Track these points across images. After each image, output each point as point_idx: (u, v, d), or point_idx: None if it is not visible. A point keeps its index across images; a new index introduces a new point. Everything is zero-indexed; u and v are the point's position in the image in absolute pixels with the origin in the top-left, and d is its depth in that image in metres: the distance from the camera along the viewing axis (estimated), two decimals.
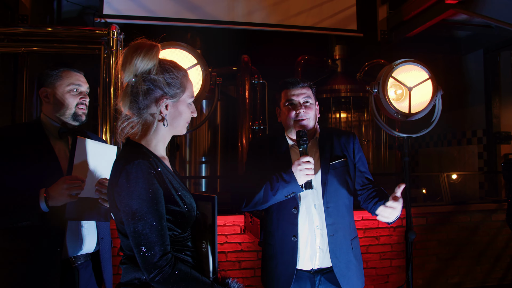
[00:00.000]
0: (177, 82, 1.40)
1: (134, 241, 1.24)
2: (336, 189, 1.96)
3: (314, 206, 1.95)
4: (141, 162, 1.27)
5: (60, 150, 1.91)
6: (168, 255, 1.26)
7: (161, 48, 2.26)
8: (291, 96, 2.01)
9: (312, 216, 1.94)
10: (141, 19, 4.54)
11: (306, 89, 2.03)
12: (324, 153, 2.00)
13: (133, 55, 1.32)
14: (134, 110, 1.37)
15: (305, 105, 2.00)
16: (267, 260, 2.04)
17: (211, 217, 1.40)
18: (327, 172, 1.95)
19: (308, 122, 1.99)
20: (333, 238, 1.92)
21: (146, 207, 1.24)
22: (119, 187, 1.26)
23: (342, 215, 1.97)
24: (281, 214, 1.97)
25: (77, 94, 1.96)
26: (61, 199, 1.71)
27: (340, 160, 1.99)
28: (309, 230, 1.94)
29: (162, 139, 1.43)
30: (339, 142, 2.04)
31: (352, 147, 2.05)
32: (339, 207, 1.96)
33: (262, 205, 1.92)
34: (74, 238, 1.86)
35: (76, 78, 1.97)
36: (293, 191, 1.86)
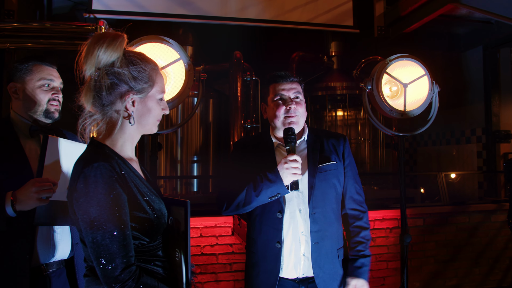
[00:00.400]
0: (145, 76, 1.27)
1: (93, 253, 1.13)
2: (324, 193, 1.83)
3: (299, 210, 1.82)
4: (100, 165, 1.15)
5: (31, 149, 1.80)
6: (132, 268, 1.14)
7: (141, 42, 2.16)
8: (281, 90, 1.87)
9: (297, 222, 1.81)
10: (131, 14, 4.42)
11: (296, 84, 1.90)
12: (312, 154, 1.88)
13: (95, 46, 1.20)
14: (97, 107, 1.25)
15: (295, 100, 1.86)
16: (249, 268, 1.92)
17: (184, 223, 1.28)
18: (314, 175, 1.83)
19: (297, 119, 1.86)
20: (317, 246, 1.79)
21: (106, 214, 1.12)
22: (77, 193, 1.14)
23: (330, 222, 1.84)
24: (264, 218, 1.85)
25: (49, 90, 1.83)
26: (30, 203, 1.59)
27: (329, 163, 1.87)
28: (294, 236, 1.81)
29: (130, 138, 1.30)
30: (328, 144, 1.92)
31: (342, 150, 1.93)
32: (326, 213, 1.83)
33: (244, 207, 1.79)
34: (46, 244, 1.75)
35: (48, 72, 1.84)
36: (278, 192, 1.73)
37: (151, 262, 1.25)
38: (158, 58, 2.24)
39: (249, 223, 1.95)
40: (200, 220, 3.67)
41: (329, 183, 1.85)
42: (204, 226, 3.68)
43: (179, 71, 2.21)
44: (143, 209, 1.22)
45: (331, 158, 1.88)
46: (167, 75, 2.28)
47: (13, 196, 1.59)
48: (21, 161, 1.73)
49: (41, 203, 1.61)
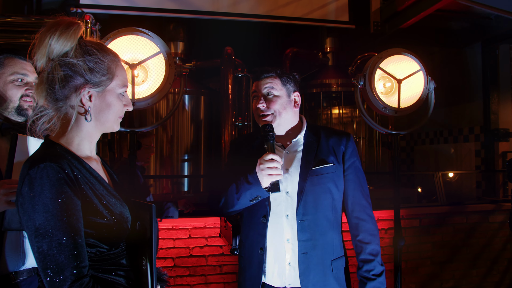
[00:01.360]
0: (103, 68, 1.16)
1: (39, 263, 1.01)
2: (316, 199, 1.67)
3: (286, 216, 1.69)
4: (48, 166, 1.03)
5: (2, 148, 1.68)
6: (84, 280, 1.02)
7: (118, 34, 2.04)
8: (255, 87, 1.77)
9: (283, 228, 1.68)
10: (120, 9, 4.30)
11: (270, 78, 1.74)
12: (307, 155, 1.72)
13: (46, 34, 1.09)
14: (50, 102, 1.14)
15: (267, 97, 1.73)
16: (239, 273, 1.83)
17: (149, 229, 1.17)
18: (306, 178, 1.67)
19: (272, 118, 1.71)
20: (305, 257, 1.65)
21: (53, 221, 1.00)
22: (22, 197, 1.03)
23: (322, 231, 1.68)
24: (251, 222, 1.74)
25: (22, 85, 1.71)
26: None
27: (325, 166, 1.70)
28: (278, 243, 1.69)
29: (88, 136, 1.19)
30: (328, 144, 1.75)
31: (343, 150, 1.75)
32: (318, 220, 1.67)
33: (229, 210, 1.68)
34: (15, 251, 1.63)
35: (21, 66, 1.71)
36: (257, 194, 1.61)
37: (112, 272, 1.14)
38: (138, 52, 2.13)
39: (240, 225, 1.86)
40: (189, 221, 3.57)
41: (323, 188, 1.69)
42: (193, 227, 3.58)
43: (159, 66, 2.09)
44: (100, 213, 1.11)
45: (328, 160, 1.71)
46: (148, 70, 2.17)
47: None
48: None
49: (10, 207, 1.49)
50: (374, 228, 1.74)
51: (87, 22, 3.49)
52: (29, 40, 3.72)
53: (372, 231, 1.73)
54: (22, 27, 3.74)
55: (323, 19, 4.77)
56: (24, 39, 3.72)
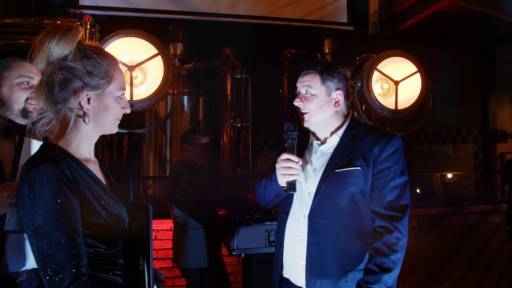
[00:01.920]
0: (101, 71, 1.18)
1: (39, 263, 1.03)
2: (334, 203, 1.58)
3: (304, 216, 1.65)
4: (47, 167, 1.05)
5: (5, 151, 1.69)
6: (82, 279, 1.05)
7: (116, 36, 2.05)
8: (297, 83, 1.73)
9: (298, 228, 1.65)
10: (119, 10, 4.30)
11: (309, 76, 1.67)
12: (336, 156, 1.62)
13: (46, 38, 1.12)
14: (50, 104, 1.16)
15: (303, 96, 1.68)
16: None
17: (146, 229, 1.19)
18: (325, 180, 1.59)
19: (308, 118, 1.66)
20: (314, 260, 1.58)
21: (53, 221, 1.03)
22: (22, 198, 1.05)
23: (336, 237, 1.57)
24: (278, 217, 1.80)
25: (28, 88, 1.73)
26: (1, 208, 1.48)
27: (349, 169, 1.57)
28: (293, 242, 1.67)
29: (86, 138, 1.21)
30: (362, 144, 1.61)
31: (378, 153, 1.58)
32: (333, 226, 1.57)
33: (264, 202, 1.78)
34: (16, 253, 1.65)
35: (27, 69, 1.73)
36: (277, 192, 1.65)
37: (109, 272, 1.16)
38: (137, 53, 2.15)
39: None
40: None
41: (343, 193, 1.58)
42: None
43: (158, 67, 2.11)
44: (98, 214, 1.13)
45: (355, 163, 1.58)
46: (146, 71, 2.19)
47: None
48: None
49: (13, 209, 1.50)
50: (395, 241, 1.49)
51: (86, 23, 3.51)
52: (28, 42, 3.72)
53: (391, 243, 1.49)
54: (21, 28, 3.75)
55: (322, 20, 4.76)
56: (23, 40, 3.73)
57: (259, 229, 2.31)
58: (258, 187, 1.77)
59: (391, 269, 1.46)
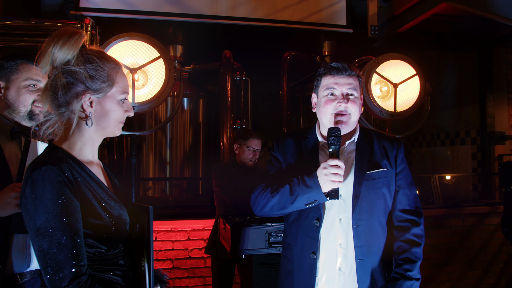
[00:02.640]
0: (103, 75, 1.21)
1: (40, 262, 1.06)
2: (371, 204, 1.63)
3: (339, 220, 1.63)
4: (48, 169, 1.08)
5: (11, 152, 1.71)
6: (82, 278, 1.07)
7: (118, 39, 2.07)
8: (334, 84, 1.65)
9: (336, 233, 1.63)
10: (119, 12, 4.31)
11: (353, 78, 1.68)
12: (361, 159, 1.67)
13: (50, 44, 1.15)
14: (53, 107, 1.20)
15: (348, 97, 1.64)
16: (283, 277, 1.75)
17: (146, 230, 1.21)
18: (361, 182, 1.63)
19: (348, 119, 1.65)
20: (362, 263, 1.60)
21: (54, 221, 1.05)
22: (25, 199, 1.08)
23: (376, 236, 1.64)
24: (301, 224, 1.68)
25: (35, 91, 1.75)
26: (8, 209, 1.51)
27: (379, 170, 1.65)
28: (330, 248, 1.64)
29: (89, 141, 1.24)
30: (380, 148, 1.71)
31: (395, 155, 1.71)
32: (373, 226, 1.63)
33: (279, 211, 1.64)
34: (21, 253, 1.66)
35: (35, 72, 1.76)
36: (315, 199, 1.56)
37: (110, 272, 1.19)
38: (138, 56, 2.16)
39: (286, 227, 1.81)
40: (188, 223, 3.60)
41: (377, 193, 1.65)
42: (192, 229, 3.60)
43: (159, 70, 2.13)
44: (99, 215, 1.16)
45: (381, 164, 1.67)
46: (148, 74, 2.20)
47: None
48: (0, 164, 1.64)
49: (19, 210, 1.53)
50: (421, 234, 1.70)
51: (87, 25, 3.53)
52: (29, 44, 3.72)
53: (420, 235, 1.69)
54: (22, 30, 3.76)
55: (321, 23, 4.79)
56: (23, 42, 3.75)
57: (260, 230, 2.33)
58: (275, 197, 1.62)
59: (421, 257, 1.68)
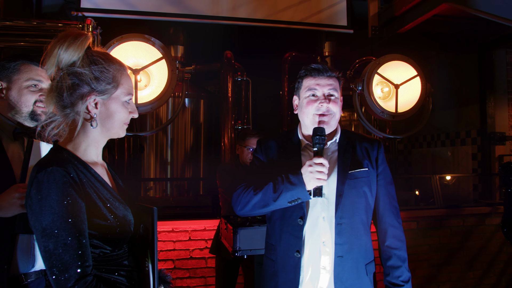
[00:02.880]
0: (108, 76, 1.22)
1: (46, 262, 1.07)
2: (353, 202, 1.67)
3: (323, 218, 1.66)
4: (54, 170, 1.09)
5: (14, 153, 1.71)
6: (87, 278, 1.08)
7: (122, 40, 2.08)
8: (315, 85, 1.70)
9: (319, 231, 1.66)
10: (120, 13, 4.32)
11: (333, 79, 1.72)
12: (344, 158, 1.71)
13: (55, 45, 1.16)
14: (59, 109, 1.20)
15: (329, 98, 1.69)
16: (267, 278, 1.76)
17: (151, 231, 1.21)
18: (344, 181, 1.66)
19: (330, 119, 1.69)
20: (341, 260, 1.63)
21: (59, 222, 1.06)
22: (30, 199, 1.09)
23: (358, 234, 1.67)
24: (284, 224, 1.69)
25: (37, 91, 1.74)
26: (12, 209, 1.51)
27: (361, 169, 1.70)
28: (314, 246, 1.66)
29: (94, 142, 1.24)
30: (361, 148, 1.76)
31: (376, 155, 1.75)
32: (355, 224, 1.66)
33: (261, 209, 1.65)
34: (26, 254, 1.66)
35: (36, 73, 1.75)
36: (298, 196, 1.58)
37: (115, 272, 1.19)
38: (141, 57, 2.17)
39: (268, 228, 1.81)
40: (189, 223, 3.60)
41: (359, 192, 1.68)
42: (193, 229, 3.61)
43: (162, 71, 2.13)
44: (103, 216, 1.16)
45: (363, 164, 1.72)
46: (150, 75, 2.21)
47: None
48: (3, 165, 1.64)
49: (24, 210, 1.52)
50: (402, 234, 1.74)
51: (88, 26, 3.54)
52: (30, 44, 3.71)
53: (400, 237, 1.73)
54: (23, 30, 3.77)
55: (322, 23, 4.80)
56: (23, 42, 3.75)
57: (261, 230, 2.33)
58: (258, 195, 1.63)
59: (406, 256, 1.71)
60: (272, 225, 1.77)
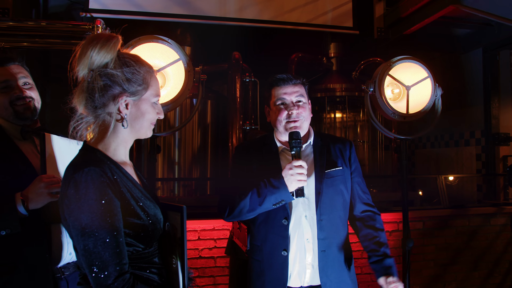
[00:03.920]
0: (139, 78, 1.24)
1: (85, 260, 1.09)
2: (331, 199, 1.78)
3: (305, 217, 1.77)
4: (91, 170, 1.11)
5: (28, 150, 1.73)
6: (125, 276, 1.11)
7: (139, 42, 2.11)
8: (283, 94, 1.81)
9: (303, 229, 1.76)
10: (128, 14, 4.36)
11: (299, 86, 1.84)
12: (320, 159, 1.82)
13: (88, 47, 1.17)
14: (90, 109, 1.22)
15: (298, 104, 1.81)
16: (253, 278, 1.86)
17: (180, 229, 1.24)
18: (322, 180, 1.77)
19: (301, 124, 1.80)
20: (324, 254, 1.74)
21: (98, 221, 1.08)
22: (68, 199, 1.11)
23: (336, 229, 1.80)
24: (269, 225, 1.78)
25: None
26: (41, 199, 1.54)
27: (336, 168, 1.82)
28: (299, 243, 1.76)
29: (123, 142, 1.27)
30: (335, 149, 1.87)
31: (349, 155, 1.89)
32: (333, 219, 1.78)
33: (247, 214, 1.72)
34: (58, 244, 1.68)
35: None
36: (282, 198, 1.67)
37: (146, 270, 1.22)
38: (157, 58, 2.19)
39: (253, 230, 1.89)
40: (198, 222, 3.62)
41: (336, 189, 1.80)
42: (202, 229, 3.63)
43: (178, 72, 2.16)
44: (137, 215, 1.19)
45: (338, 163, 1.83)
46: (166, 76, 2.23)
47: (23, 196, 1.54)
48: (21, 161, 1.68)
49: (53, 199, 1.55)
50: (382, 221, 1.91)
51: (98, 27, 3.57)
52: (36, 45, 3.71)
53: (381, 222, 1.90)
54: (33, 31, 3.79)
55: (328, 24, 4.84)
56: (33, 43, 3.78)
57: None
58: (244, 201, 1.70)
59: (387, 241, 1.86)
60: (256, 227, 1.85)
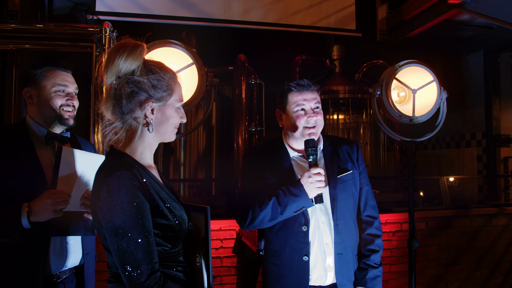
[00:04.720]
0: (164, 84, 1.29)
1: (118, 260, 1.14)
2: (345, 204, 1.83)
3: (323, 222, 1.80)
4: (123, 174, 1.16)
5: (46, 158, 1.77)
6: (157, 274, 1.16)
7: (153, 47, 2.15)
8: (302, 100, 1.81)
9: (322, 234, 1.80)
10: (134, 16, 4.41)
11: (316, 93, 1.85)
12: (331, 165, 1.84)
13: (115, 55, 1.22)
14: (117, 115, 1.27)
15: (316, 111, 1.82)
16: (271, 281, 1.88)
17: (204, 229, 1.29)
18: (335, 186, 1.81)
19: (317, 130, 1.82)
20: (340, 256, 1.79)
21: (130, 222, 1.13)
22: (101, 202, 1.16)
23: (351, 232, 1.85)
24: (288, 231, 1.81)
25: (63, 95, 1.81)
26: (45, 214, 1.59)
27: (347, 173, 1.85)
28: (319, 248, 1.80)
29: (149, 146, 1.32)
30: (343, 152, 1.90)
31: (356, 156, 1.91)
32: (348, 223, 1.83)
33: (268, 223, 1.76)
34: (58, 255, 1.75)
35: (62, 78, 1.82)
36: (303, 205, 1.71)
37: (173, 268, 1.27)
38: (171, 62, 2.23)
39: (269, 235, 1.90)
40: None
41: (348, 193, 1.84)
42: None
43: (191, 76, 2.20)
44: (165, 215, 1.24)
45: (348, 167, 1.86)
46: (179, 80, 2.28)
47: (29, 208, 1.58)
48: (36, 170, 1.71)
49: (56, 215, 1.61)
50: (380, 225, 1.94)
51: (106, 29, 3.61)
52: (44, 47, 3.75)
53: (380, 227, 1.93)
54: (41, 33, 3.83)
55: (331, 27, 4.90)
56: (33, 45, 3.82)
57: None
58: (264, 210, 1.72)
59: (382, 246, 1.92)
60: (274, 233, 1.86)
